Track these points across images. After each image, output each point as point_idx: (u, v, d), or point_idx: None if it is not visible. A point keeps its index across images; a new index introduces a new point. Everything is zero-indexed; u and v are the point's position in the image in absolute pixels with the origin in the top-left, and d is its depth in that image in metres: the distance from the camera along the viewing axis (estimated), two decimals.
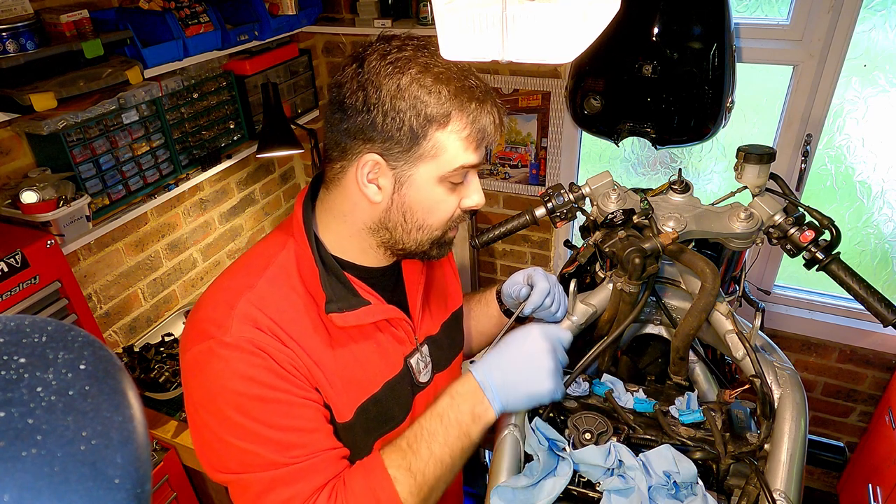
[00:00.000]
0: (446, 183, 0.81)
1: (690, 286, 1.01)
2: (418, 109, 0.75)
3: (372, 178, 0.80)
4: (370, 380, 0.88)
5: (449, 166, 0.79)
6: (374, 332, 0.89)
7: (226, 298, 0.81)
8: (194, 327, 0.81)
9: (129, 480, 0.35)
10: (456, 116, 0.77)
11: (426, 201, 0.82)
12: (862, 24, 1.77)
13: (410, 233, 0.84)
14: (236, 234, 2.51)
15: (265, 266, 0.84)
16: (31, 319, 0.38)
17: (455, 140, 0.78)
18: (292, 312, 0.81)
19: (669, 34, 1.34)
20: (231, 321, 0.77)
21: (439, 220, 0.85)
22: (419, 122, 0.76)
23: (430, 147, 0.77)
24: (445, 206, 0.84)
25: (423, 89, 0.75)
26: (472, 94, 0.78)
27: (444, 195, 0.82)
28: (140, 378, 1.88)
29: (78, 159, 1.66)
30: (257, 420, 0.76)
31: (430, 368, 0.99)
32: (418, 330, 0.97)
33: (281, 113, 2.12)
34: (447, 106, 0.76)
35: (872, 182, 2.04)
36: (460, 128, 0.77)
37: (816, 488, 2.49)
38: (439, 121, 0.76)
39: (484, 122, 0.79)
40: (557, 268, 2.58)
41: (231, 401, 0.75)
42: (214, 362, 0.76)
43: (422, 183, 0.80)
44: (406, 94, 0.75)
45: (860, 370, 2.24)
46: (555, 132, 2.31)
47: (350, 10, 2.36)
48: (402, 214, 0.83)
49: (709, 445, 0.89)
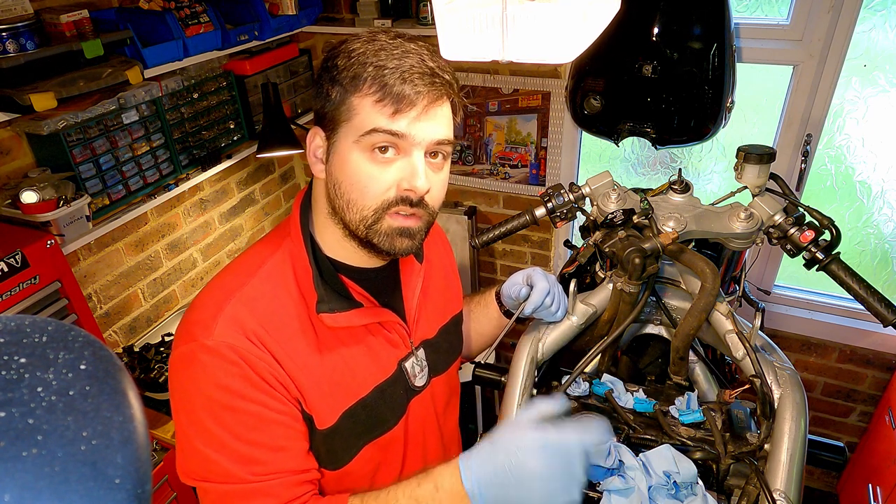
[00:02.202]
0: (368, 151, 0.78)
1: (690, 286, 1.01)
2: (337, 77, 0.78)
3: (319, 155, 0.83)
4: (359, 384, 0.87)
5: (361, 128, 0.77)
6: (366, 334, 0.88)
7: (216, 299, 0.81)
8: (183, 327, 0.81)
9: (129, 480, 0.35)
10: (370, 81, 0.76)
11: (348, 170, 0.79)
12: (862, 24, 1.77)
13: (345, 212, 0.81)
14: (236, 234, 2.51)
15: (259, 265, 0.84)
16: (31, 319, 0.38)
17: (368, 102, 0.77)
18: (281, 313, 0.81)
19: (669, 34, 1.34)
20: (216, 323, 0.77)
21: (365, 196, 0.79)
22: (338, 88, 0.78)
23: (345, 110, 0.78)
24: (372, 182, 0.78)
25: (348, 59, 0.77)
26: (397, 64, 0.76)
27: (369, 166, 0.78)
28: (140, 378, 1.88)
29: (78, 159, 1.66)
30: (225, 428, 0.76)
31: (426, 372, 0.98)
32: (414, 334, 0.96)
33: (281, 113, 2.12)
34: (362, 70, 0.76)
35: (872, 182, 2.04)
36: (372, 91, 0.76)
37: (816, 488, 2.49)
38: (355, 85, 0.77)
39: (400, 87, 0.75)
40: (557, 268, 2.57)
41: (205, 405, 0.76)
42: (194, 366, 0.76)
43: (343, 148, 0.79)
44: (332, 65, 0.78)
45: (860, 370, 2.24)
46: (555, 132, 2.31)
47: (350, 10, 2.36)
48: (334, 187, 0.81)
49: (709, 445, 0.89)
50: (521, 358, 1.00)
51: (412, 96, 0.76)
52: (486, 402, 2.67)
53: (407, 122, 0.77)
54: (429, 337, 1.00)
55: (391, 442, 0.94)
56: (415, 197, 0.80)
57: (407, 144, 0.78)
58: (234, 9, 2.00)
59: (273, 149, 2.12)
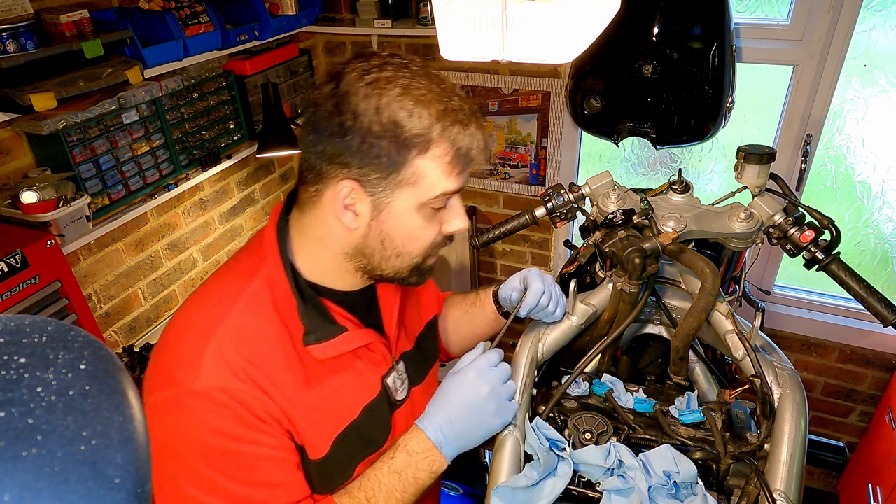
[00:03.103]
0: (427, 209, 0.77)
1: (690, 286, 1.01)
2: (397, 134, 0.71)
3: (349, 205, 0.76)
4: (348, 408, 0.86)
5: (430, 193, 0.75)
6: (353, 359, 0.86)
7: (196, 335, 0.76)
8: (161, 367, 0.76)
9: (129, 480, 0.35)
10: (437, 141, 0.73)
11: (405, 228, 0.78)
12: (862, 24, 1.77)
13: (389, 259, 0.81)
14: (236, 234, 2.51)
15: (238, 295, 0.79)
16: (31, 319, 0.38)
17: (436, 166, 0.74)
18: (267, 346, 0.78)
19: (669, 34, 1.34)
20: (201, 364, 0.73)
21: (419, 248, 0.81)
22: (398, 147, 0.72)
23: (410, 174, 0.74)
24: (426, 233, 0.80)
25: (402, 112, 0.71)
26: (456, 117, 0.73)
27: (425, 222, 0.79)
28: (140, 378, 1.87)
29: (78, 159, 1.66)
30: (221, 472, 0.73)
31: (406, 385, 0.96)
32: (394, 348, 0.94)
33: (281, 113, 2.12)
34: (428, 130, 0.72)
35: (872, 182, 2.04)
36: (442, 153, 0.73)
37: (816, 488, 2.49)
38: (420, 146, 0.72)
39: (467, 146, 0.75)
40: (557, 268, 2.57)
41: (197, 452, 0.73)
42: (181, 413, 0.73)
43: (401, 210, 0.77)
44: (384, 118, 0.71)
45: (860, 370, 2.24)
46: (555, 132, 2.31)
47: (350, 10, 2.36)
48: (380, 241, 0.79)
49: (709, 445, 0.89)
50: (521, 358, 1.00)
51: (475, 153, 0.77)
52: None
53: (466, 176, 0.79)
54: (407, 349, 0.98)
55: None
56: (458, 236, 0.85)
57: None
58: (234, 9, 2.00)
59: (273, 149, 2.12)
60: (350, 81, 0.72)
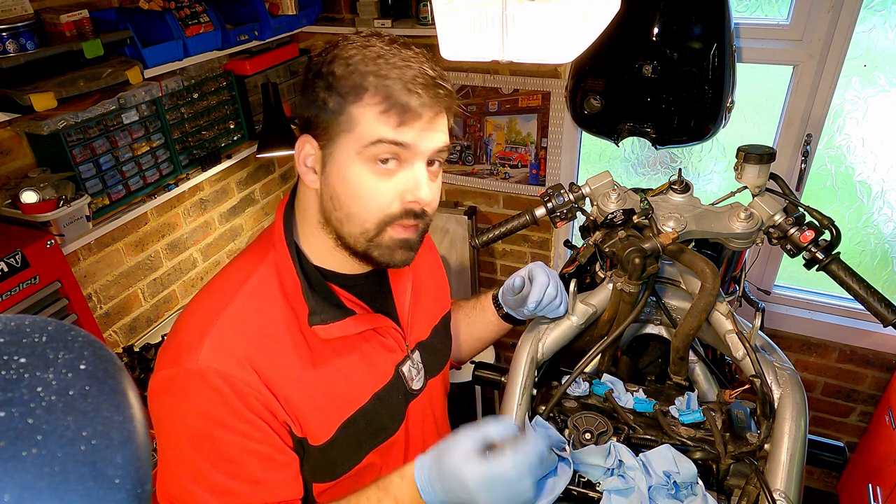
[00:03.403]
0: (370, 163, 0.76)
1: (690, 286, 1.01)
2: (335, 86, 0.75)
3: (310, 165, 0.80)
4: (356, 393, 0.86)
5: (364, 139, 0.75)
6: (360, 342, 0.87)
7: (201, 321, 0.78)
8: (166, 351, 0.79)
9: (129, 480, 0.35)
10: (372, 91, 0.74)
11: (349, 183, 0.77)
12: (862, 24, 1.77)
13: (342, 224, 0.80)
14: (236, 234, 2.51)
15: (243, 281, 0.81)
16: (31, 319, 0.38)
17: (370, 113, 0.74)
18: (271, 329, 0.79)
19: (669, 34, 1.34)
20: (202, 346, 0.75)
21: (369, 211, 0.78)
22: (335, 97, 0.75)
23: (345, 120, 0.75)
24: (375, 194, 0.77)
25: (344, 66, 0.74)
26: (399, 73, 0.74)
27: (371, 178, 0.77)
28: (140, 378, 1.88)
29: (78, 159, 1.66)
30: (204, 457, 0.74)
31: (422, 375, 0.97)
32: (408, 336, 0.94)
33: (281, 113, 2.12)
34: (362, 79, 0.74)
35: (872, 182, 2.04)
36: (376, 101, 0.74)
37: (816, 488, 2.49)
38: (354, 93, 0.74)
39: (404, 98, 0.73)
40: (557, 268, 2.57)
41: (186, 431, 0.75)
42: (176, 391, 0.75)
43: (342, 159, 0.77)
44: (328, 72, 0.75)
45: (860, 370, 2.24)
46: (555, 132, 2.31)
47: (350, 10, 2.36)
48: (331, 199, 0.79)
49: (709, 445, 0.89)
50: (521, 358, 1.00)
51: (417, 108, 0.74)
52: (487, 402, 2.67)
53: (413, 134, 0.75)
54: (423, 339, 0.99)
55: (392, 446, 0.93)
56: (418, 209, 0.79)
57: (410, 155, 0.77)
58: (234, 9, 2.00)
59: (273, 149, 2.12)
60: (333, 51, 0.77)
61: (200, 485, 0.75)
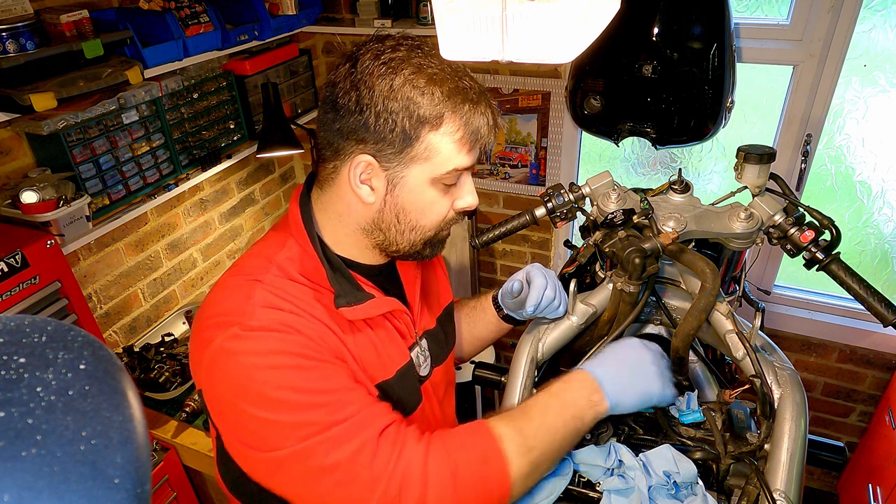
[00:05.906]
0: (439, 185, 0.81)
1: (690, 286, 1.01)
2: (411, 111, 0.75)
3: (365, 179, 0.81)
4: (385, 365, 0.88)
5: (442, 168, 0.79)
6: (382, 323, 0.89)
7: (238, 292, 0.79)
8: (210, 322, 0.78)
9: (128, 480, 0.35)
10: (449, 118, 0.77)
11: (419, 203, 0.82)
12: (862, 24, 1.77)
13: (404, 234, 0.85)
14: (236, 234, 2.51)
15: (266, 265, 0.83)
16: (31, 319, 0.38)
17: (448, 142, 0.78)
18: (306, 301, 0.80)
19: (669, 34, 1.34)
20: (253, 308, 0.75)
21: (432, 222, 0.85)
22: (412, 123, 0.76)
23: (423, 149, 0.77)
24: (438, 208, 0.84)
25: (415, 90, 0.75)
26: (466, 96, 0.78)
27: (437, 197, 0.83)
28: (140, 378, 1.88)
29: (78, 159, 1.66)
30: (300, 390, 0.73)
31: (429, 362, 1.00)
32: (417, 324, 0.97)
33: (281, 113, 2.12)
34: (440, 107, 0.76)
35: (872, 182, 2.04)
36: (453, 129, 0.77)
37: (816, 488, 2.49)
38: (432, 122, 0.76)
39: (477, 123, 0.79)
40: (557, 268, 2.57)
41: (269, 380, 0.72)
42: (244, 345, 0.73)
43: (414, 185, 0.80)
44: (399, 95, 0.75)
45: (860, 370, 2.24)
46: (555, 132, 2.31)
47: (350, 10, 2.36)
48: (394, 215, 0.83)
49: (709, 445, 0.89)
50: (521, 358, 1.00)
51: (486, 132, 0.80)
52: (487, 402, 2.67)
53: (476, 153, 0.82)
54: (430, 327, 1.01)
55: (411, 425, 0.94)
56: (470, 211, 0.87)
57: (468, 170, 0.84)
58: (234, 9, 2.00)
59: (273, 149, 2.12)
60: (366, 61, 0.77)
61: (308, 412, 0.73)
